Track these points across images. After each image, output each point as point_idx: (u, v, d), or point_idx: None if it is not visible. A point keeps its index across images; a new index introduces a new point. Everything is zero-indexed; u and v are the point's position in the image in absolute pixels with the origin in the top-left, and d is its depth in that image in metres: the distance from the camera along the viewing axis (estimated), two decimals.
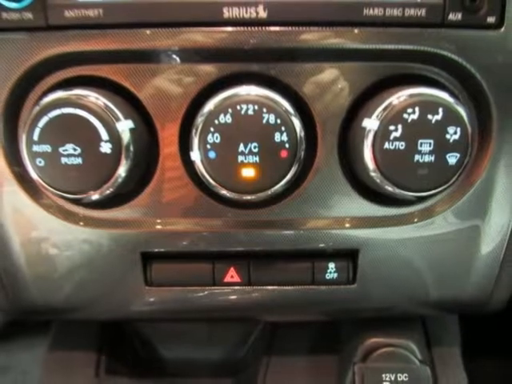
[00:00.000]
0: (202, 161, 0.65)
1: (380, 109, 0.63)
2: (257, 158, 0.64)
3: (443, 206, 0.72)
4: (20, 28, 0.64)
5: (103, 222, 0.72)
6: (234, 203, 0.69)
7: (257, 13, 0.64)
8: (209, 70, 0.66)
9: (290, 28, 0.64)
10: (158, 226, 0.72)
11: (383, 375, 0.78)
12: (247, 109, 0.63)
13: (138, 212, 0.71)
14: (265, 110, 0.63)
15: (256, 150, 0.64)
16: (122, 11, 0.64)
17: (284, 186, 0.66)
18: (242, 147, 0.64)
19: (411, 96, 0.63)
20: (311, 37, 0.65)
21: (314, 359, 0.95)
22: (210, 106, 0.64)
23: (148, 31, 0.64)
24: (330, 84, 0.66)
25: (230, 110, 0.63)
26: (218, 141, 0.64)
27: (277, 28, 0.64)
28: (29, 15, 0.64)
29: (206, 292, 0.76)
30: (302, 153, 0.66)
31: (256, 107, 0.63)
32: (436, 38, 0.65)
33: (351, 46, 0.65)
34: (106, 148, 0.63)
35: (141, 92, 0.67)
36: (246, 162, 0.64)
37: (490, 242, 0.74)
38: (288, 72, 0.66)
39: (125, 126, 0.63)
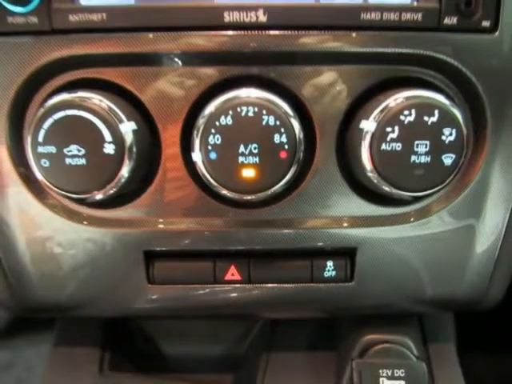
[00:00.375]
0: (203, 161, 0.65)
1: (377, 111, 0.64)
2: (257, 159, 0.64)
3: (439, 206, 0.72)
4: (25, 32, 0.65)
5: (107, 222, 0.72)
6: (234, 203, 0.70)
7: (257, 17, 0.64)
8: (210, 73, 0.66)
9: (289, 32, 0.65)
10: (161, 226, 0.72)
11: (380, 371, 0.78)
12: (247, 111, 0.63)
13: (141, 212, 0.71)
14: (264, 111, 0.63)
15: (256, 151, 0.64)
16: (125, 15, 0.65)
17: (283, 186, 0.66)
18: (242, 148, 0.64)
19: (408, 98, 0.63)
20: (310, 40, 0.65)
21: (313, 355, 0.96)
22: (211, 108, 0.64)
23: (151, 35, 0.65)
24: (329, 86, 0.67)
25: (230, 112, 0.63)
26: (218, 142, 0.64)
27: (276, 32, 0.65)
28: (34, 19, 0.64)
29: (207, 290, 0.76)
30: (301, 154, 0.66)
31: (256, 109, 0.63)
32: (432, 42, 0.65)
33: (349, 50, 0.66)
34: (109, 149, 0.63)
35: (143, 94, 0.67)
36: (246, 162, 0.65)
37: (484, 241, 0.74)
38: (287, 75, 0.66)
39: (128, 128, 0.64)
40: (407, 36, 0.65)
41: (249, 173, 0.65)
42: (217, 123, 0.64)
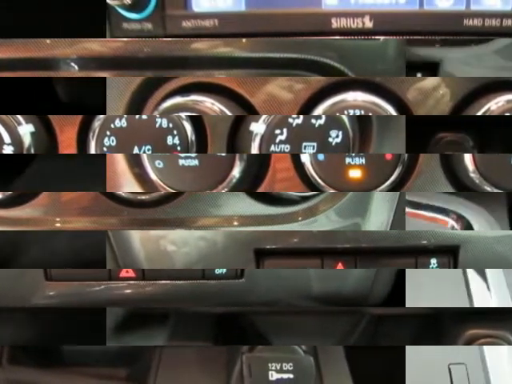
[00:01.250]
0: None
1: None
2: None
3: (326, 205, 0.72)
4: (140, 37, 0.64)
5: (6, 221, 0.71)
6: (129, 203, 0.70)
7: (363, 23, 0.65)
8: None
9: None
10: (57, 225, 0.71)
11: (269, 364, 0.78)
12: None
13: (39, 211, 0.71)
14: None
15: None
16: (236, 21, 0.65)
17: None
18: (136, 150, 0.64)
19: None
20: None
21: (205, 350, 0.96)
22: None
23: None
24: None
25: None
26: (113, 144, 0.64)
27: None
28: (148, 25, 0.65)
29: (102, 286, 0.76)
30: None
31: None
32: None
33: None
34: None
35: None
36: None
37: None
38: None
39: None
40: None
41: None
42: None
